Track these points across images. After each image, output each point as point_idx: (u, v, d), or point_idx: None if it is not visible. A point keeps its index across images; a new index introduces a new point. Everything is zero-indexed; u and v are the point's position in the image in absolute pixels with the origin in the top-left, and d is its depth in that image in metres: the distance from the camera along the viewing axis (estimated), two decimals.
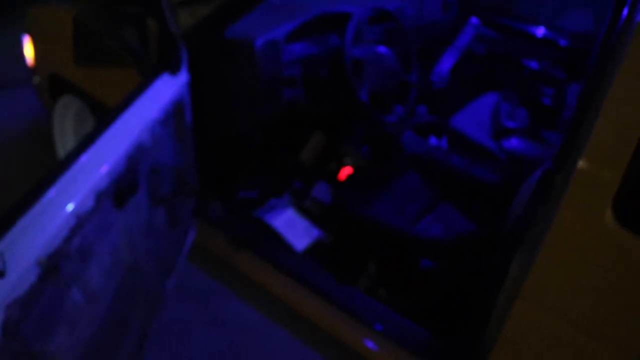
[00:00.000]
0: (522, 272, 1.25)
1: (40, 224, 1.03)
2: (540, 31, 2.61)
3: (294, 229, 2.03)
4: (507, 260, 1.30)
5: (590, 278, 1.13)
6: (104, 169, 1.23)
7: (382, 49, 1.96)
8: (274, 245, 1.99)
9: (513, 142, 2.06)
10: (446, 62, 2.47)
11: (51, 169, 1.13)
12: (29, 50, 2.54)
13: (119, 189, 1.29)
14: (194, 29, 1.76)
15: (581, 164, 1.10)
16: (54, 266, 1.04)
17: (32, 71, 2.59)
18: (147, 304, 1.59)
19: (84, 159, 1.20)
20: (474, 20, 2.54)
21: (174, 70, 1.68)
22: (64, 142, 2.56)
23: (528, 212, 1.26)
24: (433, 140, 2.49)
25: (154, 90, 1.58)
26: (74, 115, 2.46)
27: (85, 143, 1.23)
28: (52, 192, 1.09)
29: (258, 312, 2.02)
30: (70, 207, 1.10)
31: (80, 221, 1.12)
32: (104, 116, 1.40)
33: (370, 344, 1.71)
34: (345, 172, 2.10)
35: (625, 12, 1.18)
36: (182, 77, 1.72)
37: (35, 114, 2.78)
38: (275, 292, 1.93)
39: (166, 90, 1.64)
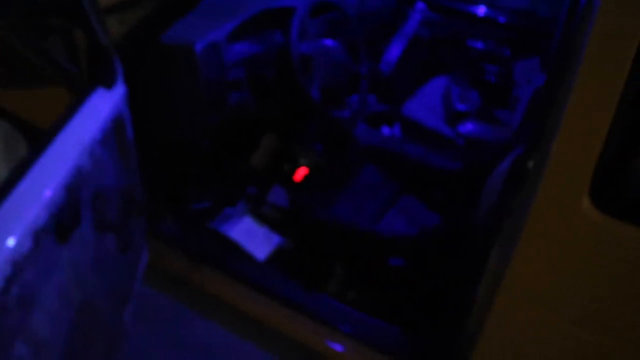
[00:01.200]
0: (501, 264, 1.20)
1: None
2: (482, 10, 2.59)
3: (253, 237, 1.93)
4: (484, 253, 1.25)
5: (574, 267, 1.09)
6: (40, 202, 1.10)
7: (328, 42, 1.87)
8: (233, 257, 1.89)
9: (468, 126, 2.03)
10: (394, 50, 2.41)
11: None
12: None
13: (60, 223, 1.17)
14: (126, 37, 1.63)
15: (554, 148, 1.05)
16: None
17: None
18: (106, 341, 1.47)
19: (15, 194, 1.07)
20: (420, 5, 2.48)
21: (108, 84, 1.54)
22: None
23: (502, 202, 1.20)
24: (386, 130, 2.44)
25: (89, 107, 1.44)
26: (3, 140, 2.27)
27: (15, 174, 1.10)
28: None
29: (224, 329, 1.92)
30: (3, 253, 0.97)
31: (17, 267, 0.99)
32: (37, 141, 1.26)
33: (339, 348, 1.64)
34: (301, 173, 2.02)
35: None
36: (119, 91, 1.58)
37: None
38: (240, 306, 1.84)
39: (102, 106, 1.50)
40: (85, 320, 1.32)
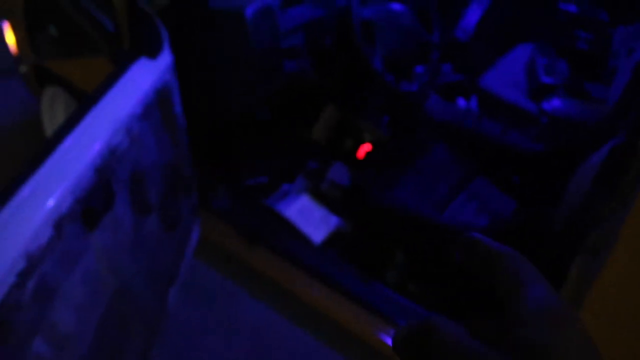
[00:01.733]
0: (583, 279, 1.00)
1: None
2: None
3: (310, 218, 1.81)
4: (564, 262, 1.06)
5: None
6: (63, 187, 1.01)
7: (395, 6, 1.67)
8: (289, 237, 1.78)
9: (555, 102, 1.78)
10: (472, 15, 2.16)
11: None
12: (10, 36, 2.32)
13: (88, 208, 1.08)
14: (172, 2, 1.50)
15: None
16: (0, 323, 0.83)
17: (17, 60, 2.37)
18: (146, 326, 1.40)
19: (35, 180, 0.98)
20: None
21: (153, 54, 1.44)
22: None
23: (589, 208, 1.00)
24: (461, 102, 2.22)
25: (129, 79, 1.34)
26: (64, 108, 2.25)
27: (37, 158, 1.01)
28: None
29: (275, 312, 1.82)
30: (16, 246, 0.88)
31: (34, 261, 0.90)
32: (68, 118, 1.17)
33: None
34: (364, 149, 1.85)
35: None
36: (165, 60, 1.47)
37: (27, 106, 2.58)
38: (294, 291, 1.73)
39: (145, 78, 1.40)
40: (121, 309, 1.25)
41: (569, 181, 1.26)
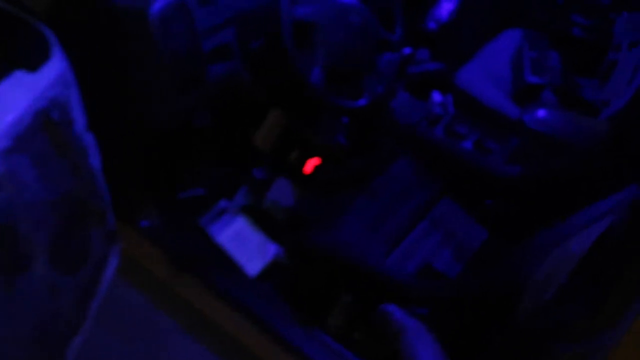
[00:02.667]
0: None
1: None
2: None
3: (246, 245, 1.56)
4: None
5: None
6: None
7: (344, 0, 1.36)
8: (221, 267, 1.54)
9: (540, 113, 1.48)
10: (447, 4, 1.84)
11: None
12: None
13: None
14: None
15: None
16: None
17: None
18: None
19: None
20: None
21: (31, 65, 1.14)
22: None
23: (561, 315, 0.74)
24: (437, 97, 1.93)
25: None
26: None
27: None
28: None
29: (206, 349, 1.60)
30: None
31: None
32: None
33: None
34: (312, 163, 1.58)
35: None
36: (52, 72, 1.18)
37: None
38: (224, 328, 1.51)
39: (18, 98, 1.11)
40: None
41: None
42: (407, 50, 1.68)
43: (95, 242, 1.44)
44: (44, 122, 1.16)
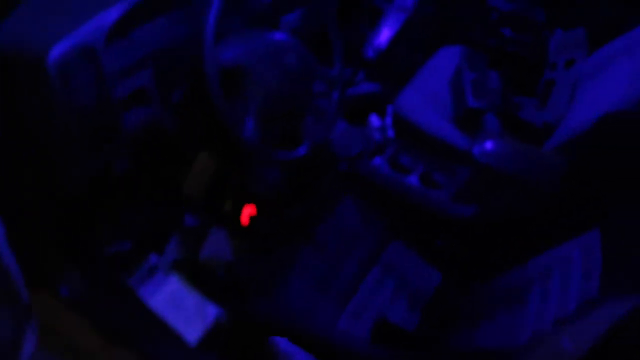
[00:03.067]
0: None
1: None
2: None
3: (182, 308, 1.39)
4: None
5: None
6: None
7: (277, 36, 1.21)
8: (157, 335, 1.36)
9: (489, 146, 1.39)
10: (386, 31, 1.74)
11: None
12: None
13: None
14: None
15: None
16: None
17: None
18: None
19: None
20: None
21: None
22: None
23: None
24: (375, 121, 1.83)
25: None
26: None
27: None
28: None
29: None
30: None
31: None
32: None
33: None
34: (247, 213, 1.43)
35: None
36: None
37: None
38: None
39: None
40: None
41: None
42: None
43: (3, 328, 1.24)
44: None
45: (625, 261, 0.90)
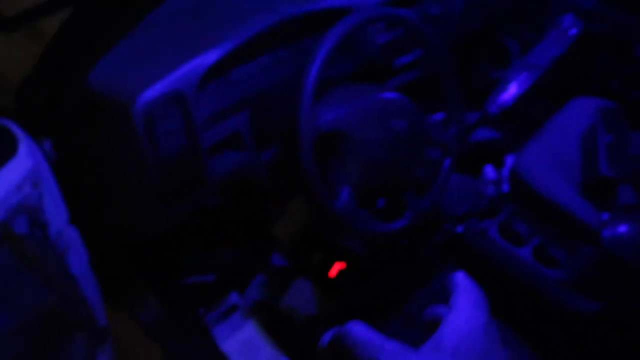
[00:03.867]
0: None
1: None
2: None
3: (254, 357, 1.32)
4: None
5: None
6: None
7: (386, 95, 1.07)
8: None
9: (622, 230, 1.18)
10: (514, 87, 1.55)
11: None
12: None
13: None
14: (38, 73, 0.99)
15: None
16: None
17: None
18: None
19: None
20: (568, 20, 1.55)
21: None
22: None
23: None
24: (490, 173, 1.65)
25: None
26: None
27: None
28: None
29: None
30: None
31: None
32: None
33: None
34: (337, 267, 1.33)
35: None
36: (16, 171, 0.97)
37: None
38: None
39: None
40: None
41: None
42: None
43: (78, 348, 1.23)
44: (4, 236, 0.95)
45: None
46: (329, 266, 1.33)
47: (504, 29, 1.80)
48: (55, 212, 1.06)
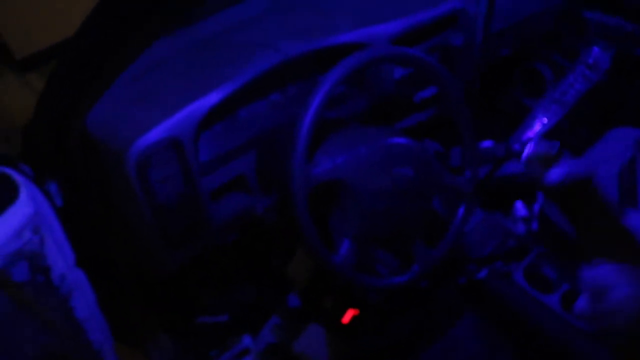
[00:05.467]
0: None
1: None
2: None
3: None
4: None
5: None
6: None
7: (393, 141, 0.99)
8: None
9: None
10: (538, 124, 1.46)
11: None
12: None
13: None
14: (34, 120, 0.99)
15: None
16: None
17: None
18: None
19: None
20: (597, 52, 1.46)
21: None
22: None
23: None
24: (520, 210, 1.56)
25: None
26: None
27: None
28: None
29: None
30: None
31: None
32: None
33: None
34: (350, 313, 1.27)
35: None
36: (16, 217, 0.96)
37: None
38: None
39: None
40: None
41: None
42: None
43: None
44: (1, 283, 0.94)
45: None
46: (341, 312, 1.27)
47: (537, 54, 1.72)
48: (59, 256, 1.04)
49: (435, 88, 1.23)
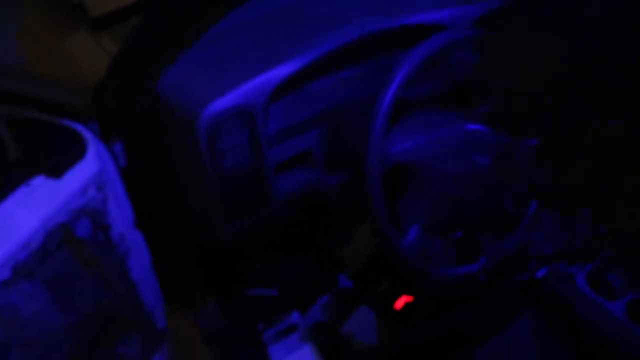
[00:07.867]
0: None
1: None
2: None
3: None
4: None
5: None
6: None
7: (471, 127, 0.96)
8: None
9: None
10: None
11: None
12: None
13: None
14: (105, 81, 0.98)
15: None
16: None
17: None
18: None
19: None
20: None
21: (57, 169, 0.93)
22: None
23: None
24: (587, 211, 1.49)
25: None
26: None
27: None
28: None
29: None
30: None
31: None
32: None
33: None
34: (403, 299, 1.24)
35: None
36: (82, 174, 0.97)
37: None
38: None
39: (35, 211, 0.91)
40: None
41: None
42: None
43: (133, 349, 1.23)
44: (65, 238, 0.95)
45: None
46: (395, 297, 1.24)
47: None
48: (119, 216, 1.05)
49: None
